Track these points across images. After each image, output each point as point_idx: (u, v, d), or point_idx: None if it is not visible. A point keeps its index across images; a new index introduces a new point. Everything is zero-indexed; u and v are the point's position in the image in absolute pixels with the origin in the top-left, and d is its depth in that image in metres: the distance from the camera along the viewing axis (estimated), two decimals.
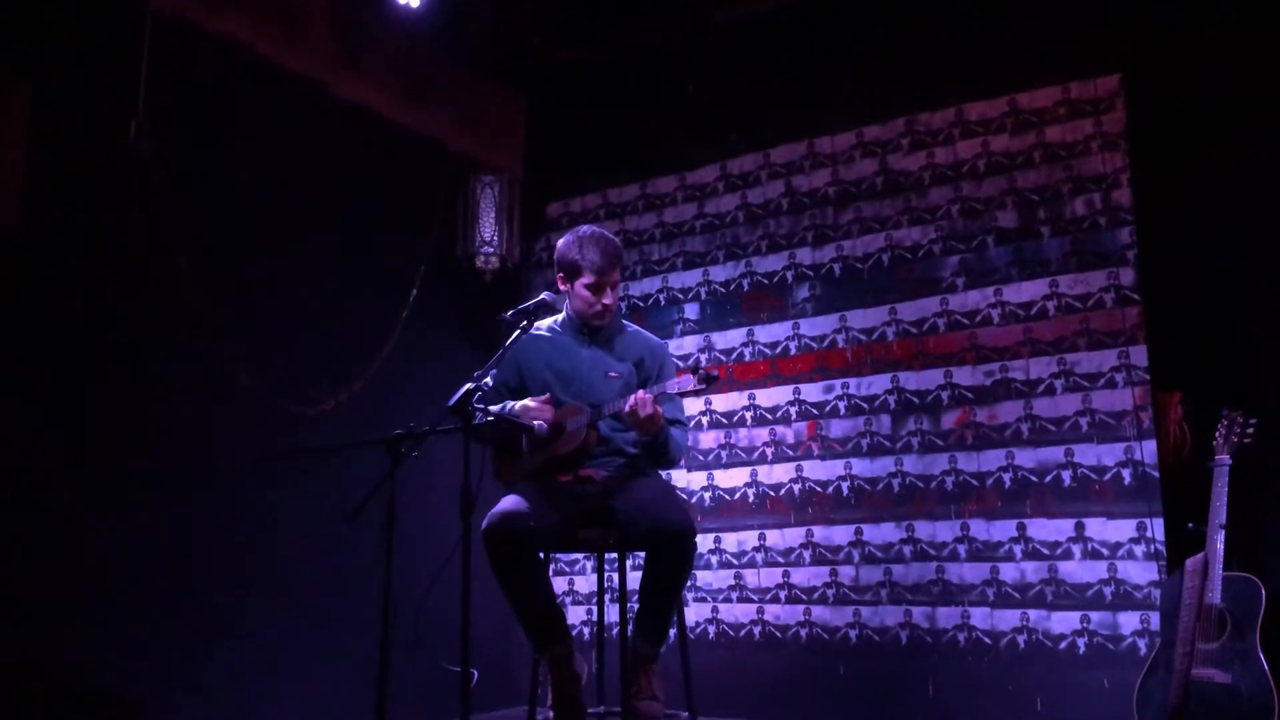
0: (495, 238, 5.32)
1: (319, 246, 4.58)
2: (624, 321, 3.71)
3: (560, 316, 3.61)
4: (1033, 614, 4.27)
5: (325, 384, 4.55)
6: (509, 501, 3.26)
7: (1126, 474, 4.18)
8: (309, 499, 4.19)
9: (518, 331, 3.25)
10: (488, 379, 3.50)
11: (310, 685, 4.18)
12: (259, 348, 4.26)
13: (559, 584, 5.29)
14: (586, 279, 3.43)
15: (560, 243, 3.52)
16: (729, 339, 5.19)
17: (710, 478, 5.10)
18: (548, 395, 3.43)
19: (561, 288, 3.52)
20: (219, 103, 4.22)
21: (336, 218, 4.67)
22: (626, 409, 3.23)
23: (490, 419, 3.18)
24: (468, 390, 2.98)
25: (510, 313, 3.31)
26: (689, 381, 3.18)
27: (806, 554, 4.80)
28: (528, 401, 3.43)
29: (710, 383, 3.17)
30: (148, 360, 3.90)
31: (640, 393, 3.23)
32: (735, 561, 4.96)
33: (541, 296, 3.28)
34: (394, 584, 3.04)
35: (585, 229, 3.52)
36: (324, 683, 4.20)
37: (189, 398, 4.01)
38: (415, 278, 5.07)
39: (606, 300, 3.47)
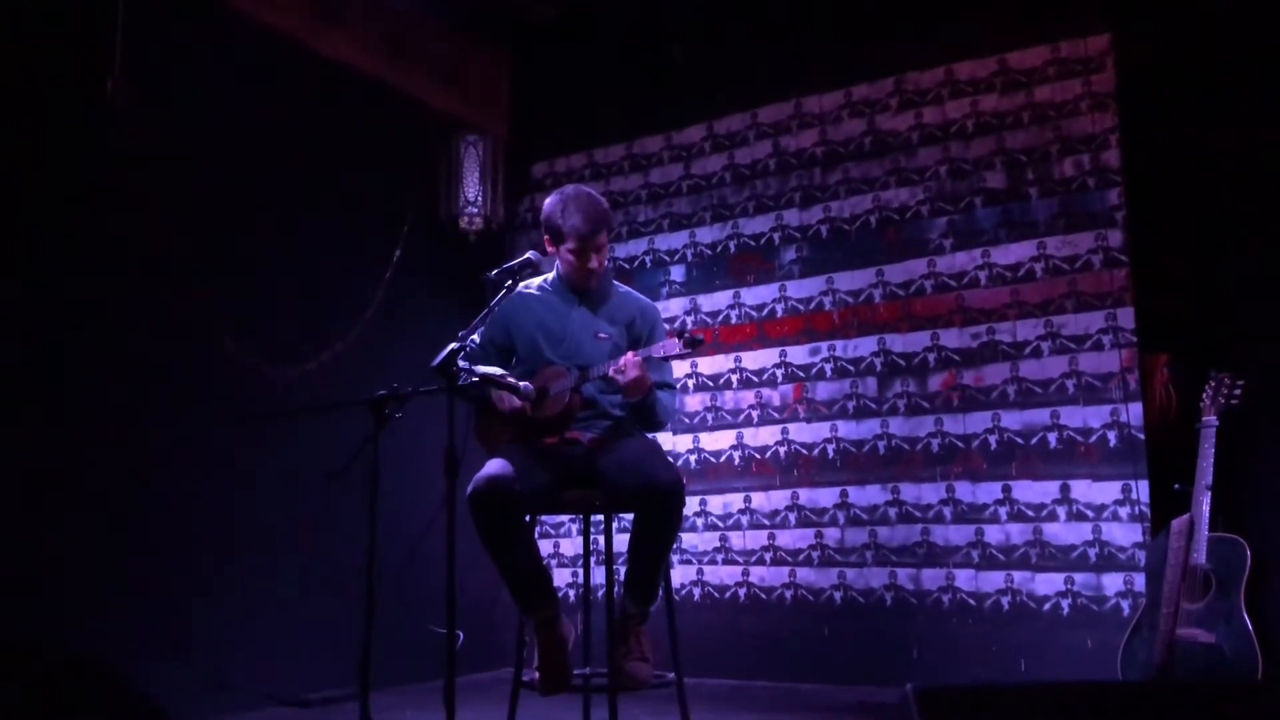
0: (479, 198, 5.27)
1: (301, 207, 4.52)
2: (615, 283, 3.66)
3: (551, 276, 3.56)
4: (1017, 575, 4.29)
5: (308, 345, 4.51)
6: (494, 465, 3.23)
7: (1112, 436, 4.18)
8: (292, 460, 4.17)
9: (504, 291, 3.21)
10: (474, 337, 3.46)
11: (294, 648, 4.17)
12: (241, 308, 4.22)
13: (544, 547, 5.28)
14: (570, 244, 3.37)
15: (546, 203, 3.45)
16: (715, 301, 5.16)
17: (696, 440, 5.09)
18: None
19: (549, 249, 3.46)
20: (197, 60, 4.14)
21: (318, 177, 4.61)
22: (612, 371, 3.20)
23: (475, 380, 3.14)
24: (451, 350, 2.94)
25: (495, 272, 3.26)
26: (674, 345, 3.14)
27: (792, 516, 4.79)
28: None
29: (695, 346, 3.13)
30: (128, 322, 3.85)
31: (627, 355, 3.20)
32: (721, 524, 4.96)
33: (526, 255, 3.23)
34: (378, 546, 3.02)
35: (570, 189, 3.43)
36: (308, 646, 4.19)
37: (172, 359, 3.96)
38: (398, 238, 5.02)
39: (591, 265, 3.41)
